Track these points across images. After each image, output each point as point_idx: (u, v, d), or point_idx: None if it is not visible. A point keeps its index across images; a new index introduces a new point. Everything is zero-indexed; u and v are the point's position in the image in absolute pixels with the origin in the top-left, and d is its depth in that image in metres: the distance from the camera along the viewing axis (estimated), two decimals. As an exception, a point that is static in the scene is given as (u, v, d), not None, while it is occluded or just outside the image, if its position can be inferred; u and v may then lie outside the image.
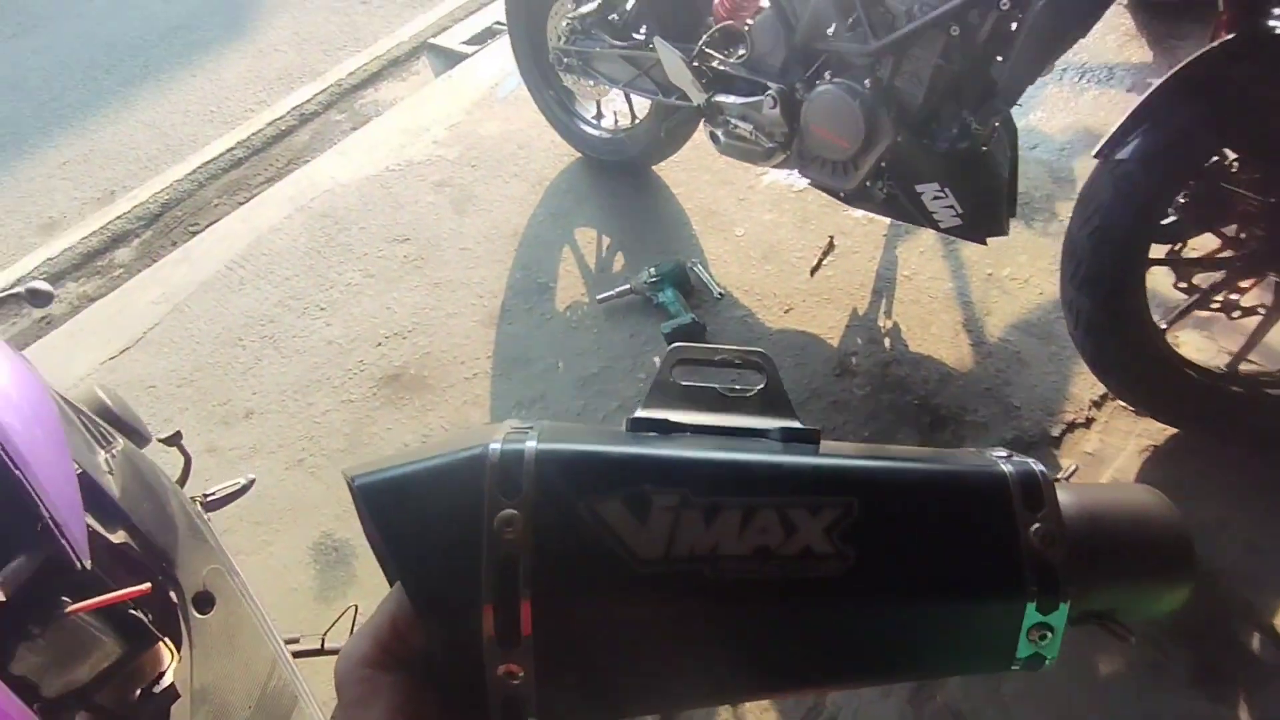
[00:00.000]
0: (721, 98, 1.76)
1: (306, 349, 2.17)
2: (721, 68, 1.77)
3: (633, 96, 2.13)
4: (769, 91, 1.66)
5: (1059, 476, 0.45)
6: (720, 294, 1.98)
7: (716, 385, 0.46)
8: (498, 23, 3.33)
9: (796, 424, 0.43)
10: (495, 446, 0.36)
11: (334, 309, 2.26)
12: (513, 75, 2.62)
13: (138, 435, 1.56)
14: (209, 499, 1.44)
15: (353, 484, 0.35)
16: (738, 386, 0.46)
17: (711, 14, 1.83)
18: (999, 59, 1.37)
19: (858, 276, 1.96)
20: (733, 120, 1.76)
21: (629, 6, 1.95)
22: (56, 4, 4.38)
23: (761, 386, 0.45)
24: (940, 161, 1.52)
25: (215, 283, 2.45)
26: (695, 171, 2.33)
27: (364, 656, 0.33)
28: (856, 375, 1.77)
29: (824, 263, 2.00)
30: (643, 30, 2.01)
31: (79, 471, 1.12)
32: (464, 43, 3.29)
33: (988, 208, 1.57)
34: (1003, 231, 1.61)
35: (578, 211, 2.33)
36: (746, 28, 1.77)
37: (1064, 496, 0.40)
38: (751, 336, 1.88)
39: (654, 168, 2.36)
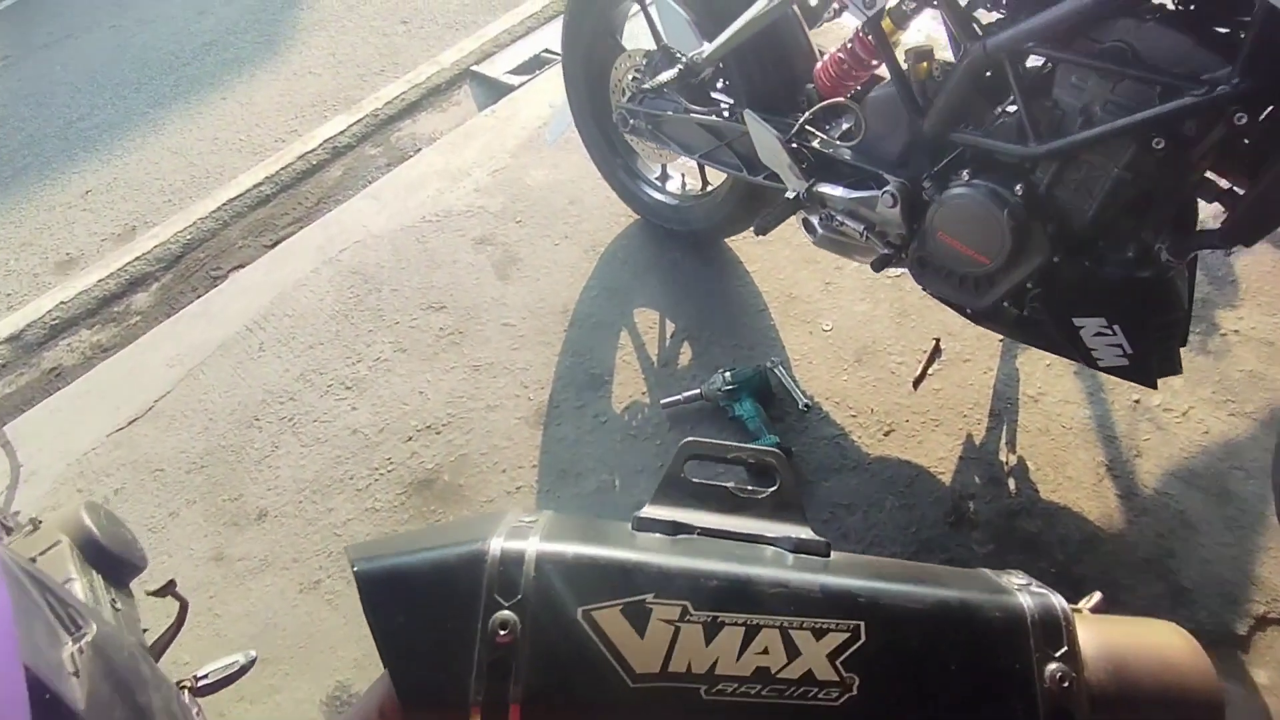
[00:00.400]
0: (826, 188, 1.46)
1: (328, 437, 1.93)
2: (825, 150, 1.47)
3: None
4: (887, 187, 1.37)
5: (1079, 606, 0.46)
6: (806, 405, 1.69)
7: (729, 484, 0.47)
8: (546, 50, 3.05)
9: (808, 532, 0.46)
10: (496, 544, 0.39)
11: (360, 389, 2.02)
12: (562, 113, 2.35)
13: (129, 566, 1.34)
14: (200, 683, 1.20)
15: (353, 568, 0.40)
16: (750, 487, 0.46)
17: (811, 81, 1.54)
18: (1216, 180, 1.06)
19: (971, 392, 1.66)
20: (837, 216, 1.46)
21: (710, 71, 1.65)
22: (91, 15, 4.21)
23: (775, 488, 0.47)
24: (1111, 292, 1.21)
25: (233, 345, 2.22)
26: (773, 246, 2.03)
27: None
28: (976, 526, 1.47)
29: (929, 372, 1.70)
30: (721, 85, 1.72)
31: (33, 678, 0.89)
32: (509, 72, 3.03)
33: (1164, 346, 1.26)
34: (1176, 370, 1.30)
35: (637, 287, 2.05)
36: (851, 97, 1.48)
37: (1085, 633, 0.41)
38: (846, 465, 1.59)
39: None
